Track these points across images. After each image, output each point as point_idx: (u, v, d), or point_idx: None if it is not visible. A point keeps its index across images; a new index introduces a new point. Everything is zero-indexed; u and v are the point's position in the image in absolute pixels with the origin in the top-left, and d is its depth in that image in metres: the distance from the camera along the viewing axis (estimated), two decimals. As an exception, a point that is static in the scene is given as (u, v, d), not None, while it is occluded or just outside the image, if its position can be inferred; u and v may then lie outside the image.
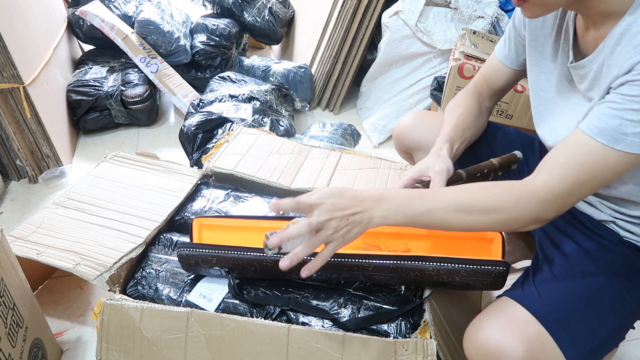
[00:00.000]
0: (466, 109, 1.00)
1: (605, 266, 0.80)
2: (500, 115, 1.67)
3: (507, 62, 0.98)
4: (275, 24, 2.44)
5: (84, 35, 2.20)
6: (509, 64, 0.98)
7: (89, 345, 1.20)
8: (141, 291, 1.03)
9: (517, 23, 0.93)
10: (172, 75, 2.12)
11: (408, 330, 0.91)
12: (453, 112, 1.00)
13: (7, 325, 0.92)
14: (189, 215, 1.21)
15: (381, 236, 1.00)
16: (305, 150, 1.46)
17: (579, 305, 0.75)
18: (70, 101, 1.97)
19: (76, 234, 1.11)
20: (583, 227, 0.88)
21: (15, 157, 1.74)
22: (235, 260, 0.95)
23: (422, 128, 1.11)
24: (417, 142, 1.12)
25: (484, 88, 1.05)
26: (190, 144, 1.66)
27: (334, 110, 2.31)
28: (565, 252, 0.84)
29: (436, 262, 0.88)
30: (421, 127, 1.11)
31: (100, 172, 1.32)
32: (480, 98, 1.04)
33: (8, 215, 1.64)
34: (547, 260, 0.85)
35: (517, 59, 0.97)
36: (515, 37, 0.95)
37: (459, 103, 1.02)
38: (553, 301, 0.76)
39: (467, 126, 0.99)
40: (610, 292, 0.77)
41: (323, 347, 0.87)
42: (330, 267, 0.92)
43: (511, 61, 0.98)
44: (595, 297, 0.75)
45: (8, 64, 1.53)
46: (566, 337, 0.72)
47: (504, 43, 0.98)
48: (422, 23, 1.94)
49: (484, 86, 1.05)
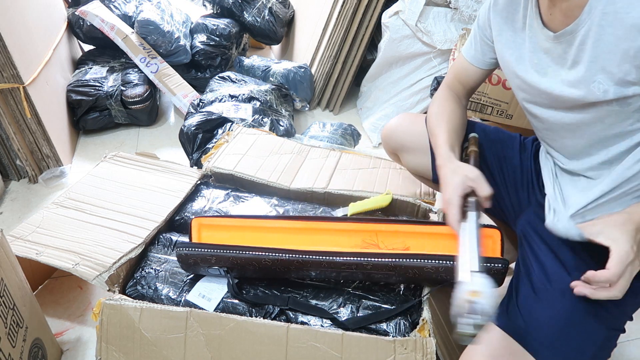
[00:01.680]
0: (451, 111, 1.03)
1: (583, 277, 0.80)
2: (500, 115, 1.67)
3: (475, 63, 1.02)
4: (275, 24, 2.44)
5: (84, 35, 2.20)
6: (477, 64, 1.02)
7: (89, 345, 1.20)
8: (140, 291, 1.03)
9: (481, 23, 0.97)
10: (172, 75, 2.12)
11: (407, 329, 0.91)
12: (440, 117, 1.02)
13: (7, 325, 0.92)
14: (188, 215, 1.21)
15: (380, 234, 1.00)
16: (305, 150, 1.46)
17: (564, 325, 0.77)
18: (70, 101, 1.97)
19: (76, 234, 1.11)
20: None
21: (15, 157, 1.74)
22: (234, 259, 0.95)
23: (406, 130, 1.15)
24: (400, 143, 1.16)
25: (458, 89, 1.07)
26: (190, 144, 1.66)
27: (334, 110, 2.31)
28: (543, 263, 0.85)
29: (435, 259, 0.89)
30: (405, 129, 1.15)
31: (100, 172, 1.33)
32: (457, 97, 1.07)
33: (8, 215, 1.64)
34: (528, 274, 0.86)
35: (484, 59, 1.00)
36: (481, 38, 0.98)
37: (442, 108, 1.04)
38: (538, 327, 0.77)
39: (458, 127, 1.01)
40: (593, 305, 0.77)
41: (322, 347, 0.87)
42: (329, 265, 0.92)
43: (478, 61, 1.01)
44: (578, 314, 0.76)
45: (8, 64, 1.54)
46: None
47: (471, 44, 1.02)
48: (422, 23, 1.94)
49: (458, 87, 1.07)
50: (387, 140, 1.19)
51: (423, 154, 1.11)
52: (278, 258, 0.93)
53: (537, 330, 0.77)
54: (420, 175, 1.19)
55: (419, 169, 1.15)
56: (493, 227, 0.96)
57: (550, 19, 0.79)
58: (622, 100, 0.72)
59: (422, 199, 1.25)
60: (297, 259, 0.93)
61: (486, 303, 0.68)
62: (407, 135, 1.14)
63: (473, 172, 0.88)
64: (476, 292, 0.69)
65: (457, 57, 1.07)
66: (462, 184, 0.86)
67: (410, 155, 1.15)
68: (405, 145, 1.15)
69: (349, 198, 1.26)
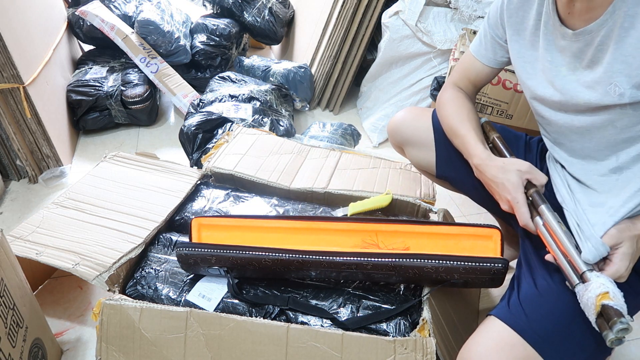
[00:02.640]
0: (469, 110, 1.01)
1: None
2: (500, 115, 1.67)
3: (487, 62, 1.01)
4: (275, 24, 2.44)
5: (84, 35, 2.20)
6: (489, 63, 1.01)
7: (89, 345, 1.20)
8: (140, 291, 1.03)
9: (492, 22, 0.95)
10: (172, 75, 2.12)
11: (407, 329, 0.91)
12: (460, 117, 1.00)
13: (7, 325, 0.92)
14: (188, 215, 1.21)
15: (380, 234, 1.00)
16: (305, 150, 1.46)
17: (566, 321, 0.76)
18: (70, 101, 1.97)
19: (76, 234, 1.11)
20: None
21: (15, 157, 1.74)
22: (234, 259, 0.95)
23: (411, 125, 1.15)
24: (405, 137, 1.16)
25: (468, 87, 1.07)
26: (190, 144, 1.66)
27: (334, 110, 2.31)
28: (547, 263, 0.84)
29: (435, 259, 0.89)
30: (410, 124, 1.15)
31: (100, 172, 1.33)
32: (466, 95, 1.06)
33: (8, 215, 1.64)
34: (530, 270, 0.86)
35: (495, 58, 0.99)
36: (492, 37, 0.97)
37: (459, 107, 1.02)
38: (540, 320, 0.77)
39: (478, 125, 1.00)
40: None
41: (322, 347, 0.87)
42: (329, 265, 0.92)
43: (489, 60, 1.00)
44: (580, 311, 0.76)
45: (8, 64, 1.54)
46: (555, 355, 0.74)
47: (480, 42, 1.01)
48: (422, 23, 1.94)
49: (468, 85, 1.06)
50: (392, 134, 1.19)
51: (428, 149, 1.11)
52: (278, 258, 0.93)
53: (538, 323, 0.76)
54: (425, 170, 1.19)
55: (423, 163, 1.15)
56: (493, 227, 0.96)
57: (568, 17, 0.78)
58: (636, 104, 0.72)
59: (422, 199, 1.25)
60: (297, 259, 0.93)
61: (619, 300, 0.68)
62: (412, 129, 1.14)
63: (523, 164, 0.86)
64: (604, 294, 0.69)
65: (465, 56, 1.05)
66: (520, 179, 0.84)
67: (415, 150, 1.15)
68: (410, 140, 1.15)
69: (349, 198, 1.26)
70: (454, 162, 1.06)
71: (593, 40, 0.74)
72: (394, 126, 1.18)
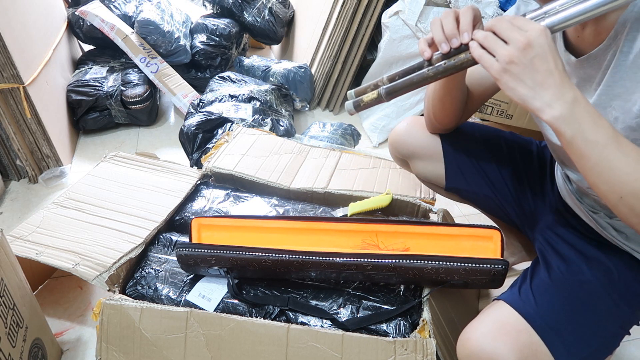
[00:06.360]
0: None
1: (603, 274, 0.80)
2: (500, 115, 1.67)
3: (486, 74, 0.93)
4: (275, 24, 2.44)
5: (84, 35, 2.20)
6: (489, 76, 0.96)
7: (89, 345, 1.20)
8: (140, 291, 1.03)
9: None
10: (172, 75, 2.12)
11: (407, 330, 0.91)
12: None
13: (7, 325, 0.92)
14: (188, 215, 1.21)
15: (380, 235, 1.00)
16: (305, 150, 1.46)
17: (575, 313, 0.76)
18: (70, 101, 1.97)
19: (76, 234, 1.11)
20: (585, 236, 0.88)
21: (15, 157, 1.74)
22: (234, 260, 0.95)
23: (417, 136, 1.10)
24: (411, 150, 1.11)
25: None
26: (190, 144, 1.66)
27: (334, 110, 2.31)
28: (565, 257, 0.84)
29: (435, 260, 0.89)
30: (416, 135, 1.10)
31: (100, 172, 1.33)
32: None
33: (8, 215, 1.64)
34: (546, 265, 0.85)
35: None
36: None
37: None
38: (549, 308, 0.76)
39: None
40: (607, 301, 0.77)
41: (322, 347, 0.87)
42: (329, 266, 0.92)
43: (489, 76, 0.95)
44: (591, 305, 0.76)
45: (8, 64, 1.53)
46: (560, 346, 0.73)
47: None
48: (422, 23, 1.94)
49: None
50: (396, 146, 1.14)
51: (435, 160, 1.07)
52: (278, 258, 0.93)
53: (548, 312, 0.75)
54: (432, 183, 1.14)
55: (430, 176, 1.11)
56: (493, 227, 0.96)
57: (577, 41, 0.75)
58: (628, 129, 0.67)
59: (422, 199, 1.25)
60: (297, 259, 0.93)
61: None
62: (418, 141, 1.09)
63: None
64: None
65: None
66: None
67: (422, 162, 1.10)
68: (415, 152, 1.10)
69: (349, 198, 1.26)
70: (464, 171, 1.03)
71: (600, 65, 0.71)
72: (397, 138, 1.13)
